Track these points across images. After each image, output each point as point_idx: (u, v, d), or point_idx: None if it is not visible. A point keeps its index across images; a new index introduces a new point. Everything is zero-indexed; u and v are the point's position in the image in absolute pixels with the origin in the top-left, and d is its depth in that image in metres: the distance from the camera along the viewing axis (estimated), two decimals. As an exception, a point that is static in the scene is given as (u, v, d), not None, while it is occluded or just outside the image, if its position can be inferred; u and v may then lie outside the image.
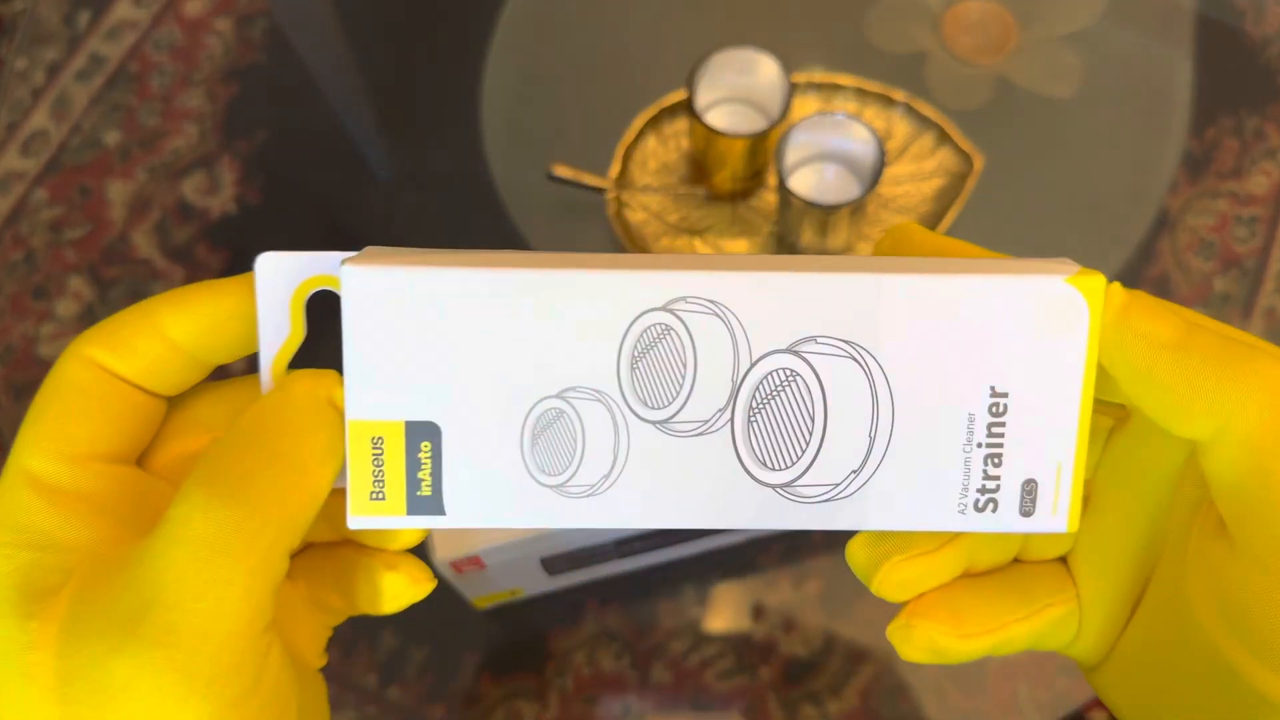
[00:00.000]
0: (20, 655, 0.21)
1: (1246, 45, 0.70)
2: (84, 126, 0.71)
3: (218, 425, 0.25)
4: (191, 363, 0.24)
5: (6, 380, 0.65)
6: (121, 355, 0.23)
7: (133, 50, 0.73)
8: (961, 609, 0.24)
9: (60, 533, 0.22)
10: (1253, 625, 0.21)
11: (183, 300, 0.24)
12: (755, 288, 0.23)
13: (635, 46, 0.71)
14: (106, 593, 0.21)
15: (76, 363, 0.23)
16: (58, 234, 0.68)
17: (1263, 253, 0.65)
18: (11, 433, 0.64)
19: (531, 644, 0.58)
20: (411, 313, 0.23)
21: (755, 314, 0.23)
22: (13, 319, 0.67)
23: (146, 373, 0.23)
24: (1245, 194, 0.66)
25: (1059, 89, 0.69)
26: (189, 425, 0.25)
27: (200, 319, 0.23)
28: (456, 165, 0.68)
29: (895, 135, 0.66)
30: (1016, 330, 0.23)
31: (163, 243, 0.68)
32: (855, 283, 0.23)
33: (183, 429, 0.25)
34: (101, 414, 0.23)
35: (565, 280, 0.23)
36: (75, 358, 0.23)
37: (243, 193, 0.69)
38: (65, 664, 0.21)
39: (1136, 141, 0.68)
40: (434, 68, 0.72)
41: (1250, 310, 0.63)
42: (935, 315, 0.23)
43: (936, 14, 0.71)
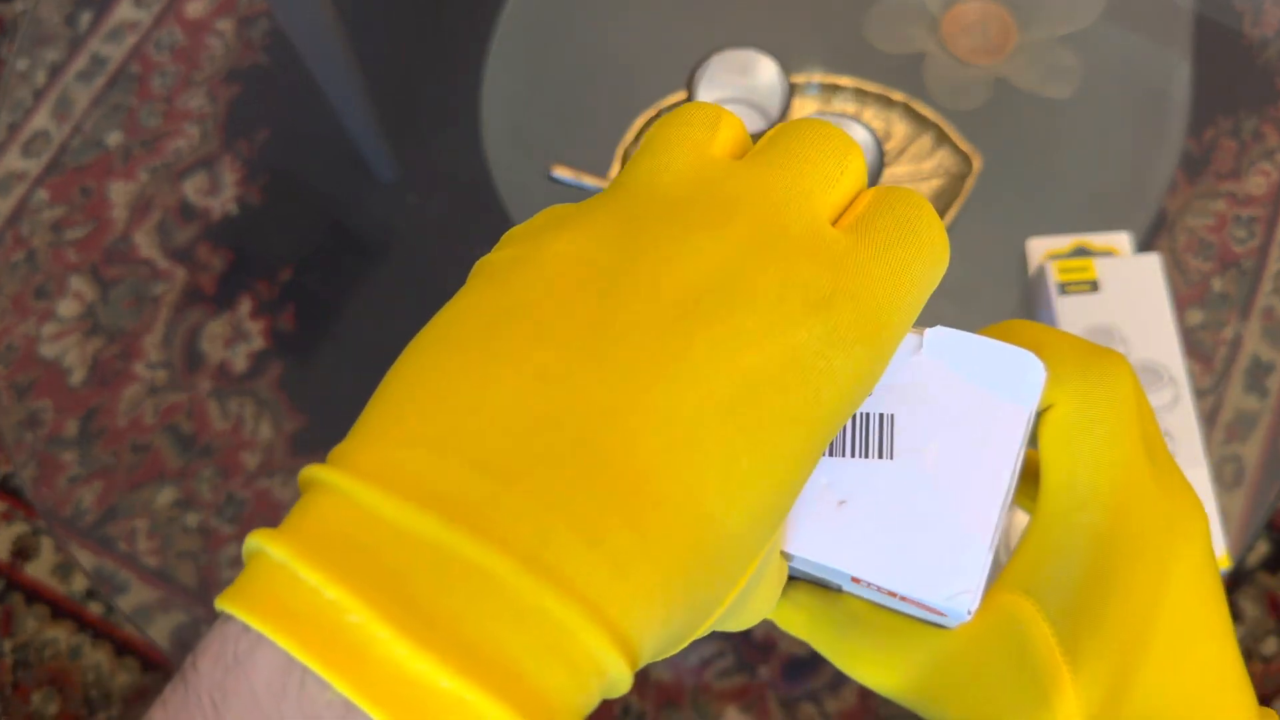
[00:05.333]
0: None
1: (1245, 46, 0.70)
2: (85, 127, 0.71)
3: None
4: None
5: (8, 380, 0.65)
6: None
7: (134, 51, 0.73)
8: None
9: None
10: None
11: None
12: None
13: (635, 47, 0.71)
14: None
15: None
16: (59, 234, 0.69)
17: (1261, 253, 0.65)
18: (12, 432, 0.64)
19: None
20: None
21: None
22: (14, 318, 0.67)
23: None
24: (1244, 194, 0.66)
25: (1058, 89, 0.69)
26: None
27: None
28: (457, 166, 0.69)
29: (894, 136, 0.66)
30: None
31: (164, 243, 0.68)
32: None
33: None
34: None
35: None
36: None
37: (244, 193, 0.69)
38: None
39: (1135, 142, 0.68)
40: (434, 68, 0.72)
41: (1248, 310, 0.64)
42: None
43: (935, 15, 0.71)
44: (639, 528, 0.17)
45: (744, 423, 0.18)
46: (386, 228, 0.68)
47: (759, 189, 0.20)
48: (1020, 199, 0.66)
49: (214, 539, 0.61)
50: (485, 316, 0.19)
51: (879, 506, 0.24)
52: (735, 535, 0.18)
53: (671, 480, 0.18)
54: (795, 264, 0.19)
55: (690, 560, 0.18)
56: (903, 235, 0.21)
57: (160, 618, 0.60)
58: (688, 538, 0.18)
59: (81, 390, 0.65)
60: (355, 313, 0.66)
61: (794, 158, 0.21)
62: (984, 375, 0.24)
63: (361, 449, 0.18)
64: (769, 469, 0.19)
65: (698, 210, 0.20)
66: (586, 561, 0.17)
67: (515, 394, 0.18)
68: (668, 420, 0.18)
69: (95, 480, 0.63)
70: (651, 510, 0.17)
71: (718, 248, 0.19)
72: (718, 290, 0.19)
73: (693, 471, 0.18)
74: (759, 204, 0.20)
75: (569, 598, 0.16)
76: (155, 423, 0.64)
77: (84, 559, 0.61)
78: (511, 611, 0.16)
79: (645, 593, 0.17)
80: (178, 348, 0.66)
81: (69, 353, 0.66)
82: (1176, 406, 0.57)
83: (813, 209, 0.20)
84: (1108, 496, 0.24)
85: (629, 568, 0.17)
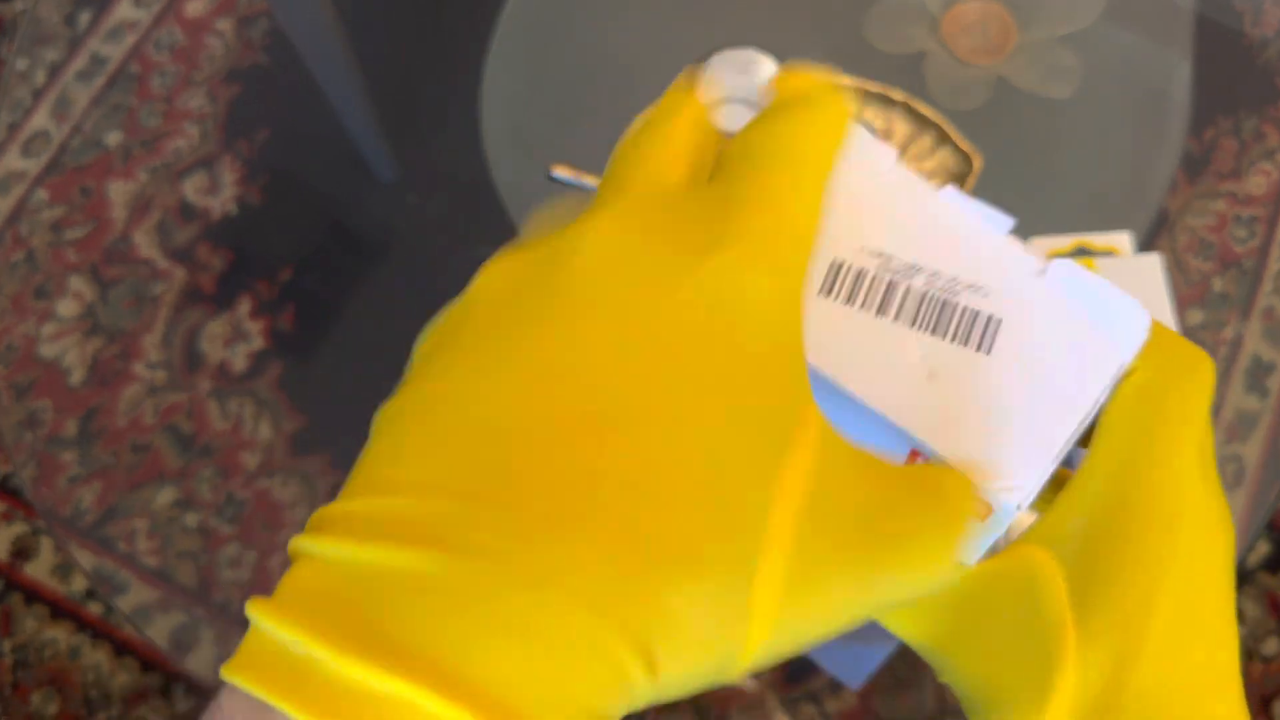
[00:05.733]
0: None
1: (1245, 46, 0.70)
2: (85, 127, 0.71)
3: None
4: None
5: (7, 380, 0.65)
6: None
7: (134, 51, 0.73)
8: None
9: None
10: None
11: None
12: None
13: (635, 47, 0.71)
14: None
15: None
16: (59, 234, 0.69)
17: (1261, 253, 0.65)
18: (12, 432, 0.64)
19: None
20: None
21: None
22: (14, 319, 0.67)
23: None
24: (1244, 194, 0.66)
25: (1058, 89, 0.69)
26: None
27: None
28: (457, 165, 0.69)
29: (894, 135, 0.66)
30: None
31: (164, 243, 0.68)
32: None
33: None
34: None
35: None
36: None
37: (244, 193, 0.69)
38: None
39: (1135, 142, 0.68)
40: (434, 68, 0.72)
41: (1249, 310, 0.64)
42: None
43: (935, 15, 0.71)
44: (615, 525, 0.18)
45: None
46: (386, 228, 0.68)
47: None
48: (1020, 199, 0.66)
49: (214, 539, 0.61)
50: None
51: (964, 389, 0.25)
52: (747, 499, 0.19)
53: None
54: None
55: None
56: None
57: (160, 618, 0.60)
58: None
59: (81, 390, 0.65)
60: (355, 313, 0.66)
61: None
62: (1093, 313, 0.26)
63: (333, 504, 0.19)
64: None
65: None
66: (573, 566, 0.17)
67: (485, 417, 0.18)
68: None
69: (95, 480, 0.63)
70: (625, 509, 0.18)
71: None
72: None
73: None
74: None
75: (559, 596, 0.17)
76: (155, 423, 0.64)
77: (83, 559, 0.61)
78: (493, 625, 0.17)
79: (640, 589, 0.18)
80: (177, 348, 0.65)
81: (68, 353, 0.66)
82: (1177, 406, 0.56)
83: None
84: (1153, 471, 0.24)
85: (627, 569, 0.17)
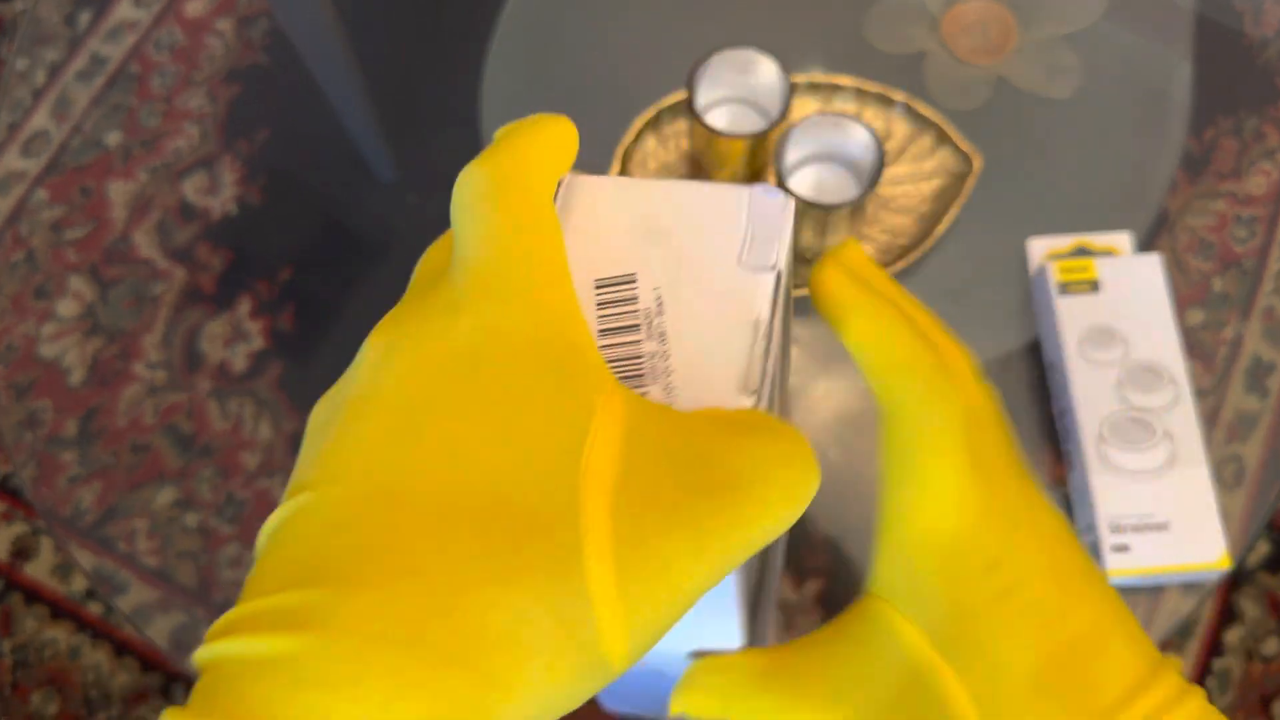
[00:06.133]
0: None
1: (1245, 46, 0.70)
2: (85, 127, 0.71)
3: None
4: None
5: (7, 380, 0.65)
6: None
7: (134, 51, 0.73)
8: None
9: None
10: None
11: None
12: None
13: (635, 47, 0.71)
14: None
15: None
16: (59, 234, 0.69)
17: (1262, 253, 0.65)
18: (12, 432, 0.64)
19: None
20: None
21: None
22: (14, 319, 0.67)
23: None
24: (1244, 194, 0.66)
25: (1058, 89, 0.69)
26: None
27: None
28: (457, 165, 0.68)
29: (894, 135, 0.66)
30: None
31: (164, 243, 0.68)
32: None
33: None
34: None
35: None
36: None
37: (243, 193, 0.69)
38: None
39: (1135, 142, 0.68)
40: (434, 68, 0.72)
41: (1249, 310, 0.64)
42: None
43: (936, 14, 0.71)
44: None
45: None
46: (386, 228, 0.68)
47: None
48: (1020, 199, 0.66)
49: (214, 539, 0.61)
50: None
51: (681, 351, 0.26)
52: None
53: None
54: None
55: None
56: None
57: (160, 618, 0.60)
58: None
59: (81, 390, 0.65)
60: (355, 313, 0.66)
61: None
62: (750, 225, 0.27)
63: (223, 616, 0.21)
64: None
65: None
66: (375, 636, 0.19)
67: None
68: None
69: (95, 480, 0.63)
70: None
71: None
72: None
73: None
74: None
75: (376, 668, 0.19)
76: (155, 423, 0.64)
77: (83, 559, 0.61)
78: (337, 687, 0.18)
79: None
80: (177, 348, 0.65)
81: (68, 353, 0.66)
82: (1177, 406, 0.56)
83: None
84: (934, 504, 0.26)
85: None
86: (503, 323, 0.22)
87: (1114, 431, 0.56)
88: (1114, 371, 0.57)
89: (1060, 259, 0.61)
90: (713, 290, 0.26)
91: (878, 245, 0.64)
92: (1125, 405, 0.57)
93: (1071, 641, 0.26)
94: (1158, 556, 0.54)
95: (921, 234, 0.63)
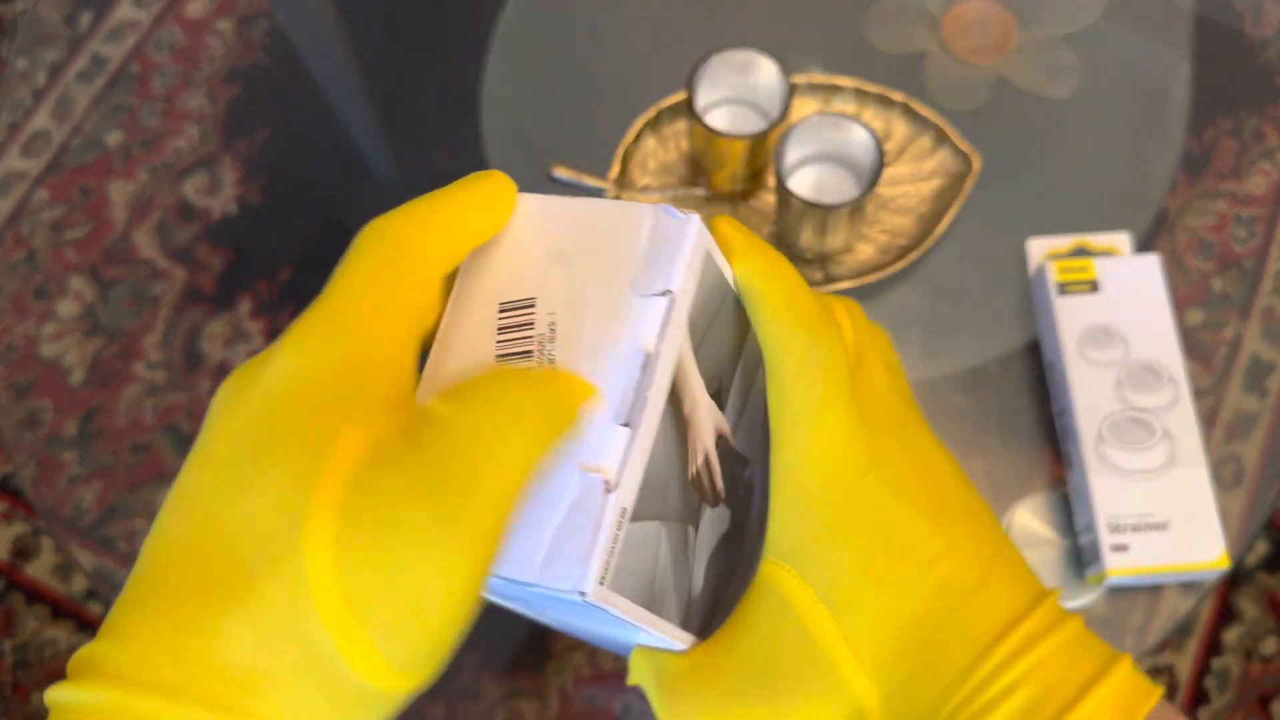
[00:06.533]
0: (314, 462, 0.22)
1: (1245, 46, 0.70)
2: (85, 127, 0.71)
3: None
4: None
5: (7, 380, 0.65)
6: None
7: (134, 51, 0.73)
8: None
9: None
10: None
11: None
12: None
13: (635, 48, 0.71)
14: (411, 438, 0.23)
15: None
16: (59, 234, 0.69)
17: (1261, 253, 0.65)
18: (12, 432, 0.64)
19: (532, 643, 0.58)
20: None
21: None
22: (14, 318, 0.67)
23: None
24: (1244, 194, 0.66)
25: (1058, 89, 0.69)
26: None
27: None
28: (456, 165, 0.69)
29: (894, 136, 0.66)
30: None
31: (164, 243, 0.68)
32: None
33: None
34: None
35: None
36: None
37: (243, 193, 0.69)
38: (355, 494, 0.22)
39: (1135, 142, 0.68)
40: (434, 68, 0.72)
41: (1248, 310, 0.64)
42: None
43: (935, 15, 0.71)
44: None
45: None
46: (386, 228, 0.68)
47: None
48: (1020, 199, 0.66)
49: (214, 539, 0.61)
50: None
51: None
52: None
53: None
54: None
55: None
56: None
57: (160, 618, 0.60)
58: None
59: (81, 390, 0.65)
60: (355, 313, 0.66)
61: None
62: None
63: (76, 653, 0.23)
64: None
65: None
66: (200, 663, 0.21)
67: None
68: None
69: (95, 480, 0.63)
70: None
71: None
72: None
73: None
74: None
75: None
76: (155, 423, 0.64)
77: (84, 559, 0.61)
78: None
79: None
80: (178, 348, 0.66)
81: (69, 353, 0.66)
82: (1176, 406, 0.57)
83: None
84: (816, 458, 0.27)
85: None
86: (288, 370, 0.23)
87: (1113, 431, 0.56)
88: (1113, 371, 0.57)
89: (1060, 259, 0.61)
90: (603, 316, 0.25)
91: (878, 245, 0.64)
92: (1124, 405, 0.57)
93: (943, 585, 0.27)
94: (1157, 556, 0.54)
95: (921, 234, 0.64)
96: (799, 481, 0.27)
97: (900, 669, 0.26)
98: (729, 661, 0.28)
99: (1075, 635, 0.27)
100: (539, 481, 0.24)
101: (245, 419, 0.23)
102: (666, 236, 0.25)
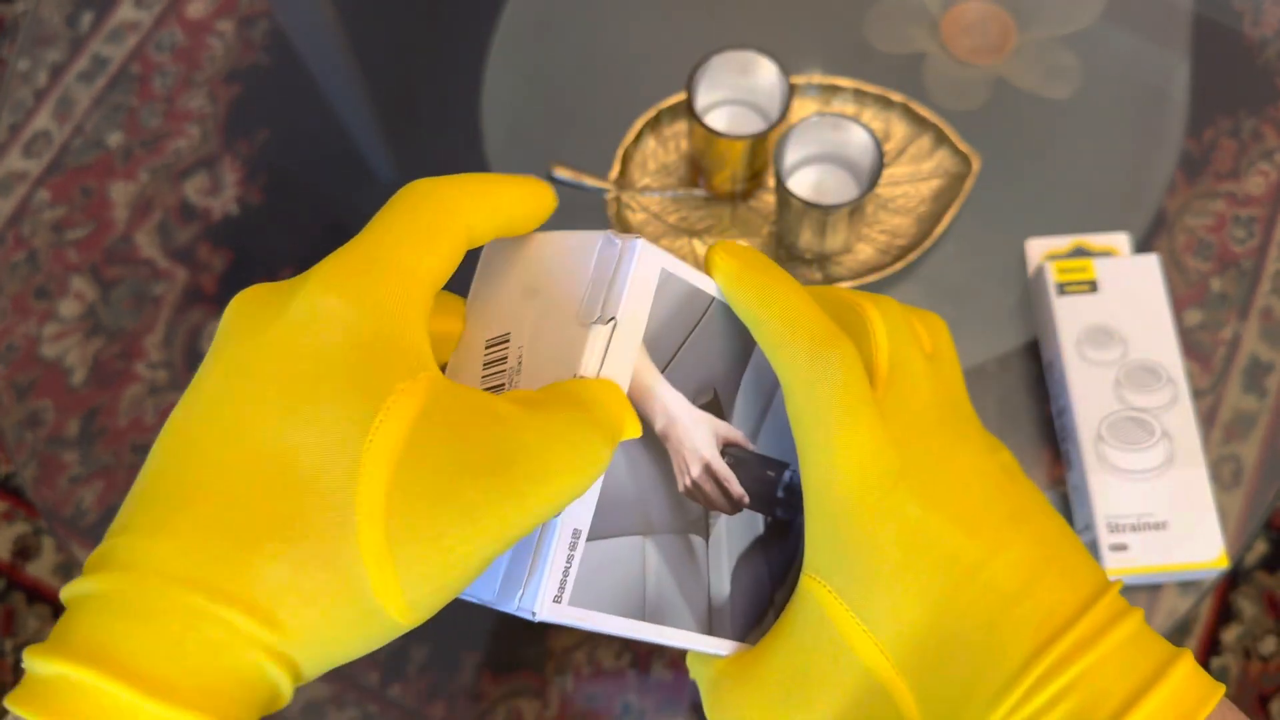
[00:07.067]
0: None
1: (1244, 46, 0.70)
2: (86, 127, 0.71)
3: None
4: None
5: (8, 380, 0.66)
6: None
7: (135, 51, 0.73)
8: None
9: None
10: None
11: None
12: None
13: (635, 48, 0.71)
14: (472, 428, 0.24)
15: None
16: (60, 234, 0.69)
17: (1260, 253, 0.65)
18: (13, 432, 0.64)
19: (532, 643, 0.58)
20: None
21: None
22: (15, 319, 0.67)
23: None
24: (1243, 194, 0.66)
25: (1057, 90, 0.69)
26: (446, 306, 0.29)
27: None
28: (457, 165, 0.69)
29: (893, 136, 0.66)
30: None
31: (165, 243, 0.68)
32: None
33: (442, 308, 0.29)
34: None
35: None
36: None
37: (244, 193, 0.69)
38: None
39: (1134, 142, 0.68)
40: (434, 68, 0.72)
41: (1247, 310, 0.64)
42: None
43: (935, 15, 0.71)
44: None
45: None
46: (387, 228, 0.68)
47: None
48: (1020, 199, 0.66)
49: (215, 539, 0.61)
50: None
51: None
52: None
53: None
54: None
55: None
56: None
57: (161, 617, 0.60)
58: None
59: (82, 390, 0.65)
60: (355, 313, 0.66)
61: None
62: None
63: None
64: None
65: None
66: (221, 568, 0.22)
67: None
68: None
69: (96, 480, 0.63)
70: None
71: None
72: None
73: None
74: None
75: (220, 602, 0.21)
76: (156, 423, 0.64)
77: (85, 559, 0.61)
78: (133, 618, 0.22)
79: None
80: (178, 348, 0.66)
81: (70, 353, 0.66)
82: (1175, 406, 0.57)
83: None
84: (838, 477, 0.27)
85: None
86: (326, 307, 0.24)
87: (1112, 431, 0.56)
88: (1112, 371, 0.57)
89: (1059, 259, 0.61)
90: (557, 347, 0.25)
91: (877, 245, 0.64)
92: (1123, 405, 0.57)
93: (985, 592, 0.26)
94: (1156, 556, 0.54)
95: (920, 234, 0.64)
96: (824, 500, 0.27)
97: (942, 683, 0.26)
98: (770, 669, 0.28)
99: (1132, 634, 0.26)
100: None
101: (300, 351, 0.23)
102: (608, 264, 0.26)
